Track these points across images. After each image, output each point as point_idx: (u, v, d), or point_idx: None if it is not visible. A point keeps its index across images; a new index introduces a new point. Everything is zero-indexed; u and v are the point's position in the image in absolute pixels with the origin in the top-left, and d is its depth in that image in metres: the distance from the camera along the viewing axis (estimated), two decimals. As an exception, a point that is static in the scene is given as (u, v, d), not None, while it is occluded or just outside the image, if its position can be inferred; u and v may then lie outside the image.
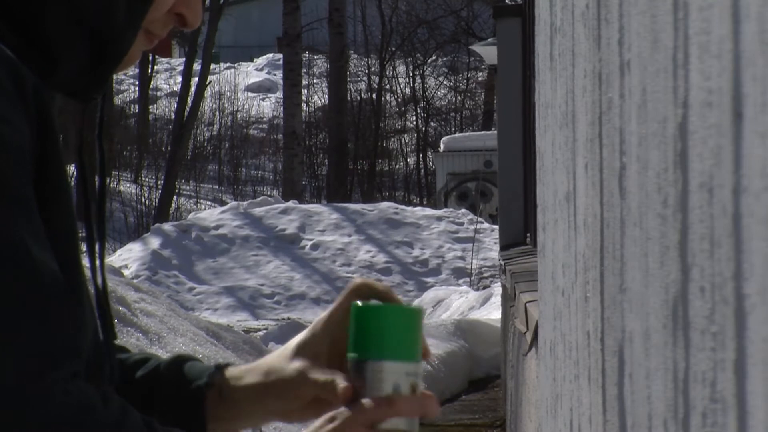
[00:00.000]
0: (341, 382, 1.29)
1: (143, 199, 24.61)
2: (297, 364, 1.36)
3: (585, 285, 1.64)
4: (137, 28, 1.25)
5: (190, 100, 23.75)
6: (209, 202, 26.15)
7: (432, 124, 31.66)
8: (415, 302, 14.66)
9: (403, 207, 18.37)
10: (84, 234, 1.32)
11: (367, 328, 1.31)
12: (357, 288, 1.38)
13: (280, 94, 29.96)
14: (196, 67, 24.61)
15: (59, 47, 1.22)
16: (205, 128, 30.92)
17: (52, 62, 1.22)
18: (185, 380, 1.42)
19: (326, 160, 28.00)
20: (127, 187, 25.84)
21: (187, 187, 27.25)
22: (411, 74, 32.06)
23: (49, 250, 1.13)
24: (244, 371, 1.41)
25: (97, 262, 1.32)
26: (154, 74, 31.70)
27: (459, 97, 32.18)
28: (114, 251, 17.41)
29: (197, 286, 15.54)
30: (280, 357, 1.40)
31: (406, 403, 1.27)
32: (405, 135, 31.85)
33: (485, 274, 16.08)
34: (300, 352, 1.37)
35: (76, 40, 1.22)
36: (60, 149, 1.18)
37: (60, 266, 1.14)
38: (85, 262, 1.27)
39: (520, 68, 8.98)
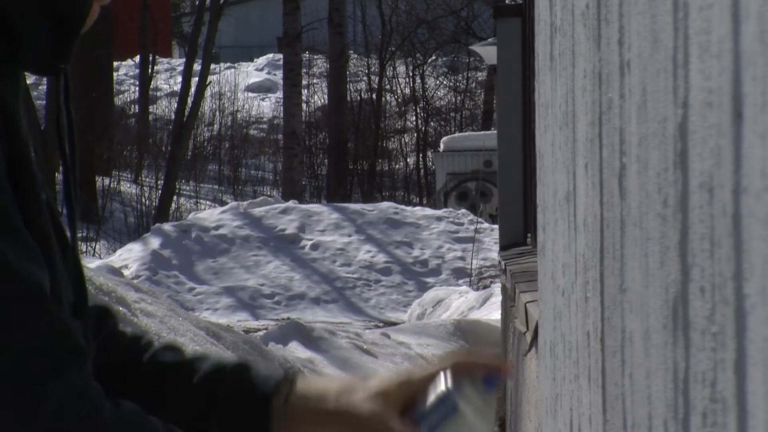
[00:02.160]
0: None
1: (143, 199, 24.60)
2: (375, 407, 1.37)
3: (585, 285, 1.64)
4: None
5: (190, 100, 23.74)
6: (209, 202, 26.14)
7: (432, 124, 31.65)
8: (415, 302, 14.66)
9: (403, 207, 18.36)
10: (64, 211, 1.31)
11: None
12: (454, 364, 1.39)
13: (280, 94, 29.94)
14: (196, 67, 24.61)
15: (22, 24, 1.19)
16: (205, 128, 30.90)
17: (17, 42, 1.20)
18: (252, 384, 1.41)
19: (326, 160, 27.99)
20: (127, 187, 25.82)
21: (187, 187, 27.24)
22: (411, 74, 32.04)
23: (31, 256, 1.13)
24: (310, 391, 1.41)
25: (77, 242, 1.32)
26: (154, 74, 31.69)
27: (459, 97, 32.17)
28: (114, 251, 17.40)
29: (197, 287, 15.54)
30: (351, 388, 1.40)
31: None
32: (405, 135, 31.84)
33: (485, 274, 16.08)
34: (379, 396, 1.38)
35: (37, 13, 1.20)
36: (28, 145, 1.17)
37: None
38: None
39: (520, 68, 8.98)
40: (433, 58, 32.10)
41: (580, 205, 1.72)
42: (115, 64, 30.44)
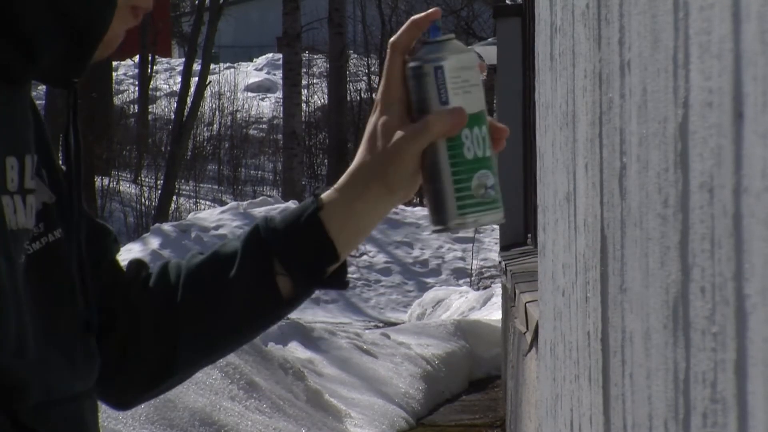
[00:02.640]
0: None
1: (143, 199, 24.61)
2: (389, 141, 1.40)
3: (585, 285, 1.64)
4: (114, 6, 1.22)
5: (189, 100, 23.75)
6: (209, 202, 26.14)
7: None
8: (416, 303, 14.65)
9: (402, 207, 18.36)
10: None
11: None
12: (394, 48, 1.43)
13: (279, 94, 29.94)
14: (196, 67, 24.61)
15: (36, 36, 1.18)
16: (205, 128, 30.90)
17: (29, 52, 1.18)
18: (292, 220, 1.43)
19: (326, 160, 27.99)
20: (126, 187, 25.82)
21: (187, 187, 27.24)
22: (411, 74, 32.00)
23: None
24: (338, 184, 1.44)
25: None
26: (153, 74, 31.70)
27: (459, 97, 32.14)
28: (114, 251, 17.36)
29: (197, 286, 15.53)
30: (362, 152, 1.43)
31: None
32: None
33: (485, 275, 16.09)
34: (376, 134, 1.41)
35: (53, 25, 1.18)
36: None
37: None
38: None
39: (520, 68, 8.98)
40: (433, 57, 32.06)
41: (581, 205, 1.72)
42: (114, 63, 30.45)
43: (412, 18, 1.44)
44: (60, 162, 1.30)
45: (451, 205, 1.39)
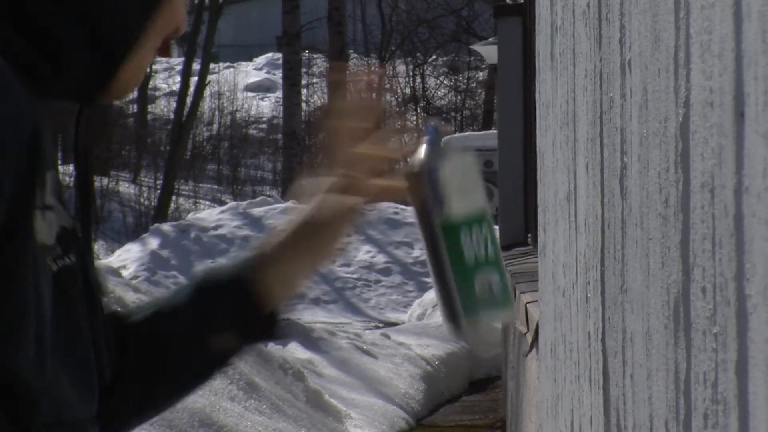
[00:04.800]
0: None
1: (142, 199, 24.61)
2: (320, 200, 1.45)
3: (586, 285, 1.64)
4: (144, 27, 1.24)
5: (189, 100, 23.75)
6: (208, 202, 26.14)
7: (432, 124, 31.61)
8: (415, 303, 14.64)
9: (403, 207, 18.35)
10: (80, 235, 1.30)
11: None
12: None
13: (279, 93, 29.94)
14: (196, 66, 24.61)
15: (64, 47, 1.19)
16: (204, 128, 30.90)
17: (60, 70, 1.20)
18: (226, 281, 1.46)
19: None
20: (125, 187, 25.82)
21: (186, 187, 27.24)
22: (411, 74, 32.04)
23: None
24: (275, 239, 1.49)
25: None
26: (152, 74, 31.69)
27: (459, 97, 32.18)
28: (112, 252, 17.41)
29: (197, 286, 15.52)
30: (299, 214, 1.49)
31: None
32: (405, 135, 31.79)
33: (485, 274, 16.04)
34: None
35: (81, 38, 1.20)
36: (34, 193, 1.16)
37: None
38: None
39: (521, 67, 8.99)
40: (434, 57, 32.10)
41: (581, 205, 1.71)
42: (115, 63, 30.38)
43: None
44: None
45: (459, 309, 1.41)
